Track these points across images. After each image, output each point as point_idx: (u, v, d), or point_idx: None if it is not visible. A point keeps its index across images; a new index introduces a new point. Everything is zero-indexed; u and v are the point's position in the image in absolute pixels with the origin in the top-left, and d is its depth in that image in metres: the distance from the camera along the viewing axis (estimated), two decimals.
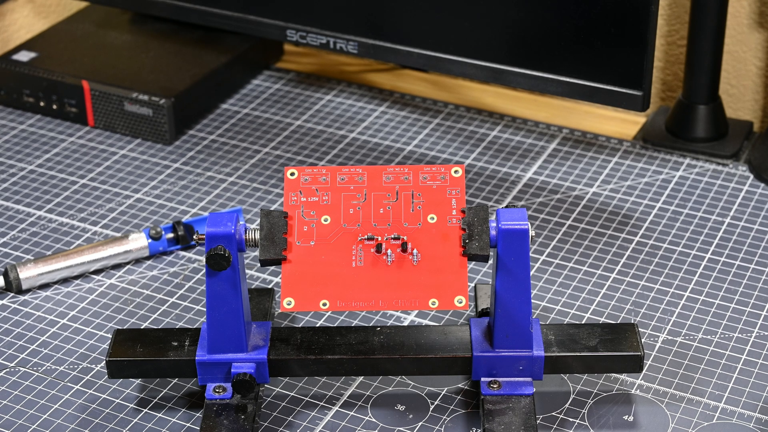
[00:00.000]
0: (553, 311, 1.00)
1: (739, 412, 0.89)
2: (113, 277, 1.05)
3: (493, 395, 0.87)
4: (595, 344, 0.88)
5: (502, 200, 1.14)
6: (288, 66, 1.38)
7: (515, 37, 1.11)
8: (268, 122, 1.27)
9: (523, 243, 0.83)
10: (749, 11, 1.24)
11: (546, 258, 1.06)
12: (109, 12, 1.40)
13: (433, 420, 0.89)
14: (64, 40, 1.34)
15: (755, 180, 1.16)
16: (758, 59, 1.26)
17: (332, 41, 1.19)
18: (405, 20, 1.15)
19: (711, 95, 1.20)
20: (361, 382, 0.93)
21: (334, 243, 0.85)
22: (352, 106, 1.30)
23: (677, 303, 1.00)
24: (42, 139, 1.25)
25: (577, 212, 1.12)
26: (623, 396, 0.91)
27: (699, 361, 0.94)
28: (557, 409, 0.90)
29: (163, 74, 1.28)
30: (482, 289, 0.97)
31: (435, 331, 0.90)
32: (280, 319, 0.99)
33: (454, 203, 0.85)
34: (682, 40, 1.28)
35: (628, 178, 1.17)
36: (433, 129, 1.26)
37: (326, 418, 0.90)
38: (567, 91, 1.10)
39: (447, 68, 1.15)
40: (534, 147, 1.22)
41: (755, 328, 0.98)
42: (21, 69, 1.28)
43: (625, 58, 1.06)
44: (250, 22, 1.23)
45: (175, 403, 0.91)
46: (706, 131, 1.21)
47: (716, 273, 1.04)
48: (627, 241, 1.08)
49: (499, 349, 0.87)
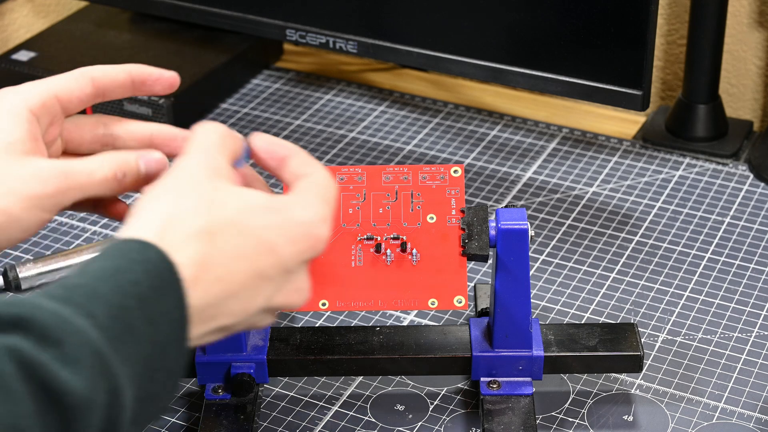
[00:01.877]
0: (553, 311, 1.00)
1: (739, 412, 0.89)
2: None
3: (492, 395, 0.87)
4: (594, 344, 0.88)
5: (501, 200, 1.14)
6: (288, 65, 1.38)
7: (515, 36, 1.11)
8: (268, 122, 1.27)
9: (523, 243, 0.83)
10: (749, 11, 1.24)
11: (545, 258, 1.06)
12: (109, 12, 1.39)
13: (433, 420, 0.89)
14: (64, 39, 1.34)
15: (755, 179, 1.16)
16: (758, 59, 1.26)
17: (332, 41, 1.19)
18: (404, 20, 1.15)
19: (711, 95, 1.20)
20: (361, 382, 0.93)
21: (333, 243, 0.85)
22: (352, 105, 1.30)
23: (677, 303, 1.00)
24: None
25: (577, 212, 1.12)
26: (623, 396, 0.91)
27: (699, 360, 0.94)
28: (557, 409, 0.90)
29: None
30: (482, 289, 0.97)
31: (434, 331, 0.90)
32: (279, 319, 0.99)
33: (453, 203, 0.85)
34: (682, 40, 1.28)
35: (628, 177, 1.17)
36: (432, 128, 1.26)
37: (326, 418, 0.90)
38: (567, 90, 1.09)
39: (447, 68, 1.15)
40: (534, 146, 1.22)
41: (755, 328, 0.98)
42: (20, 69, 1.28)
43: (624, 58, 1.05)
44: (249, 22, 1.23)
45: (175, 403, 0.91)
46: (705, 131, 1.20)
47: (716, 273, 1.04)
48: (627, 241, 1.08)
49: (499, 349, 0.87)
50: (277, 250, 0.66)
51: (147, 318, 0.58)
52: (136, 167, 0.71)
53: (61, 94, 0.72)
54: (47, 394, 0.52)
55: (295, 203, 0.68)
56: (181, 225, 0.63)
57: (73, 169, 0.69)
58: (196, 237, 0.63)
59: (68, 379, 0.53)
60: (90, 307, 0.56)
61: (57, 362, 0.53)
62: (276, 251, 0.66)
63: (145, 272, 0.59)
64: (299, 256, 0.67)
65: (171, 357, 0.60)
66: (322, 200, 0.69)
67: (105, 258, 0.59)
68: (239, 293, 0.65)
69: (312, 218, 0.67)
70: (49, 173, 0.68)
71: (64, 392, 0.52)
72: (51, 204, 0.68)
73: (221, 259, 0.64)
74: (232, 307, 0.65)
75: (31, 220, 0.68)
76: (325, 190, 0.70)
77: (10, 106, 0.70)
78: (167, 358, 0.59)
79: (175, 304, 0.60)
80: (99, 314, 0.56)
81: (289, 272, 0.67)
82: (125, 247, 0.60)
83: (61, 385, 0.52)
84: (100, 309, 0.56)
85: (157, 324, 0.59)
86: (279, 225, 0.66)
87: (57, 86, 0.73)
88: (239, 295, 0.65)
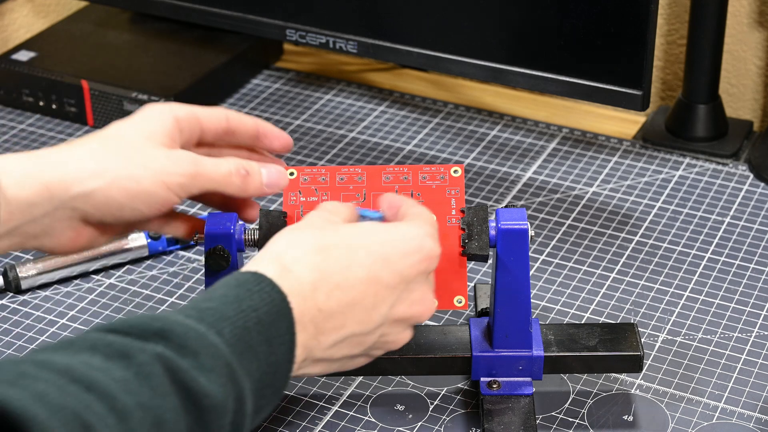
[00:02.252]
0: (553, 311, 1.00)
1: (739, 412, 0.89)
2: (112, 276, 1.05)
3: (492, 395, 0.87)
4: (594, 344, 0.88)
5: (501, 200, 1.14)
6: (287, 65, 1.38)
7: (515, 36, 1.11)
8: (268, 122, 1.27)
9: (523, 243, 0.83)
10: (749, 11, 1.24)
11: (545, 258, 1.06)
12: (109, 12, 1.39)
13: (433, 420, 0.89)
14: (64, 39, 1.34)
15: (755, 179, 1.16)
16: (758, 59, 1.26)
17: (332, 41, 1.19)
18: (404, 19, 1.15)
19: (711, 95, 1.20)
20: (361, 382, 0.93)
21: None
22: (352, 105, 1.30)
23: (677, 303, 1.00)
24: (41, 139, 1.25)
25: (577, 212, 1.12)
26: (623, 396, 0.91)
27: (699, 360, 0.94)
28: (557, 409, 0.90)
29: (163, 74, 1.28)
30: (482, 289, 0.97)
31: (434, 331, 0.90)
32: None
33: (453, 203, 0.85)
34: (682, 40, 1.28)
35: (628, 177, 1.17)
36: (432, 128, 1.26)
37: (326, 417, 0.90)
38: (567, 90, 1.09)
39: (447, 67, 1.15)
40: (533, 146, 1.22)
41: (755, 328, 0.98)
42: (20, 68, 1.28)
43: (624, 58, 1.05)
44: (249, 22, 1.23)
45: None
46: (705, 131, 1.20)
47: (716, 273, 1.04)
48: (626, 241, 1.08)
49: (499, 349, 0.87)
50: (391, 260, 0.74)
51: (265, 339, 0.67)
52: (258, 171, 0.80)
53: (202, 118, 0.82)
54: (188, 394, 0.60)
55: (403, 224, 0.76)
56: (298, 246, 0.72)
57: (203, 159, 0.78)
58: (311, 251, 0.72)
59: (205, 384, 0.61)
60: (219, 327, 0.65)
61: (195, 369, 0.61)
62: (390, 261, 0.74)
63: (261, 300, 0.68)
64: (414, 267, 0.74)
65: (280, 377, 0.68)
66: (427, 223, 0.77)
67: (227, 287, 0.68)
68: (360, 301, 0.72)
69: (420, 233, 0.75)
70: (181, 156, 0.77)
71: (203, 394, 0.61)
72: (177, 185, 0.76)
73: (337, 267, 0.72)
74: (357, 314, 0.72)
75: (158, 194, 0.76)
76: (429, 217, 0.78)
77: (160, 110, 0.80)
78: (277, 378, 0.68)
79: (287, 329, 0.68)
80: (226, 333, 0.65)
81: (408, 282, 0.74)
82: (243, 278, 0.69)
83: (200, 388, 0.61)
84: (227, 329, 0.65)
85: (272, 345, 0.67)
86: (390, 240, 0.74)
87: (200, 111, 0.82)
88: (360, 302, 0.72)
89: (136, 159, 0.76)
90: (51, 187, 0.75)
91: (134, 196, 0.76)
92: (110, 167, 0.76)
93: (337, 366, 0.75)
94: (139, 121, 0.79)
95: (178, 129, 0.80)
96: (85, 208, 0.76)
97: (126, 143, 0.77)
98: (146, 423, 0.58)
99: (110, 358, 0.60)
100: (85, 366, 0.58)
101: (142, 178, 0.76)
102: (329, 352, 0.73)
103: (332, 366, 0.75)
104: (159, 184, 0.76)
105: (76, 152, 0.76)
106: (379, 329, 0.74)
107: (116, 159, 0.76)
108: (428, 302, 0.76)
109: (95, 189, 0.75)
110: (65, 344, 0.61)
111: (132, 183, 0.75)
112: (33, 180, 0.75)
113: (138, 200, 0.76)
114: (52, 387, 0.56)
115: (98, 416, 0.56)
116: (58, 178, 0.75)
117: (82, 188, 0.75)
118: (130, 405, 0.57)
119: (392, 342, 0.76)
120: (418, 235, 0.75)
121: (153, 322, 0.62)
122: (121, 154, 0.76)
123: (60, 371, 0.57)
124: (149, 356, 0.60)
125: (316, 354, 0.72)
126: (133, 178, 0.75)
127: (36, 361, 0.58)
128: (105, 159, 0.76)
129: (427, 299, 0.76)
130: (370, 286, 0.73)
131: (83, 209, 0.76)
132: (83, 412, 0.55)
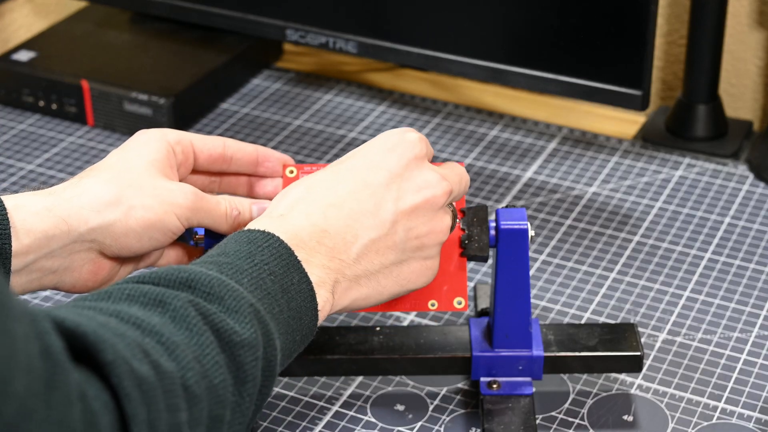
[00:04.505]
0: (553, 311, 1.00)
1: (739, 412, 0.89)
2: None
3: (492, 395, 0.87)
4: (594, 344, 0.88)
5: (501, 200, 1.14)
6: (287, 65, 1.38)
7: (515, 36, 1.11)
8: (268, 122, 1.27)
9: (523, 243, 0.83)
10: (749, 11, 1.24)
11: (545, 258, 1.06)
12: (109, 12, 1.39)
13: (433, 420, 0.89)
14: (64, 39, 1.34)
15: (755, 179, 1.16)
16: (758, 59, 1.26)
17: (331, 40, 1.19)
18: (404, 19, 1.15)
19: (711, 94, 1.20)
20: (361, 382, 0.93)
21: None
22: (352, 105, 1.30)
23: (677, 303, 1.00)
24: (41, 139, 1.25)
25: (577, 212, 1.12)
26: (623, 396, 0.91)
27: (698, 360, 0.94)
28: (557, 409, 0.90)
29: (163, 74, 1.28)
30: (482, 289, 0.97)
31: (434, 331, 0.90)
32: None
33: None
34: (681, 40, 1.28)
35: (628, 177, 1.17)
36: (432, 128, 1.26)
37: (326, 417, 0.90)
38: (566, 90, 1.10)
39: (446, 67, 1.15)
40: (533, 146, 1.22)
41: (755, 328, 0.98)
42: (20, 68, 1.28)
43: (624, 58, 1.05)
44: (249, 22, 1.23)
45: None
46: (705, 130, 1.21)
47: (716, 272, 1.04)
48: (626, 241, 1.08)
49: (499, 349, 0.87)
50: (374, 161, 0.77)
51: (281, 288, 0.70)
52: (248, 209, 0.83)
53: (195, 143, 0.84)
54: (220, 334, 0.64)
55: (377, 137, 0.79)
56: (289, 195, 0.77)
57: (205, 195, 0.81)
58: (301, 190, 0.76)
59: (233, 324, 0.65)
60: (238, 278, 0.68)
61: (223, 312, 0.65)
62: (374, 162, 0.77)
63: (271, 254, 0.71)
64: (402, 159, 0.77)
65: (305, 323, 0.72)
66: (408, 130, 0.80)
67: (238, 243, 0.72)
68: (359, 208, 0.75)
69: (397, 131, 0.79)
70: (188, 189, 0.79)
71: (233, 331, 0.64)
72: (185, 216, 0.79)
73: (324, 189, 0.76)
74: (363, 220, 0.75)
75: (171, 223, 0.78)
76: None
77: (152, 135, 0.82)
78: (302, 323, 0.71)
79: (300, 278, 0.71)
80: (245, 283, 0.68)
81: (401, 174, 0.77)
82: (251, 236, 0.72)
83: (229, 327, 0.64)
84: (245, 279, 0.69)
85: (289, 293, 0.70)
86: (369, 146, 0.78)
87: (193, 136, 0.84)
88: (360, 209, 0.75)
89: (147, 189, 0.78)
90: (69, 220, 0.76)
91: (150, 226, 0.78)
92: (124, 198, 0.77)
93: (387, 281, 0.77)
94: (138, 148, 0.81)
95: (173, 153, 0.82)
96: (104, 240, 0.77)
97: (135, 174, 0.79)
98: (189, 356, 0.61)
99: (147, 305, 0.63)
100: (127, 312, 0.62)
101: (155, 208, 0.78)
102: (361, 266, 0.75)
103: (380, 281, 0.76)
104: (170, 216, 0.78)
105: (88, 185, 0.78)
106: (397, 225, 0.76)
107: (129, 190, 0.78)
108: (435, 182, 0.77)
109: (114, 220, 0.77)
110: (102, 295, 0.64)
111: (148, 213, 0.77)
112: (50, 213, 0.76)
113: (154, 229, 0.78)
114: (111, 321, 0.60)
115: (151, 346, 0.60)
116: (75, 211, 0.76)
117: (100, 220, 0.77)
118: (174, 341, 0.61)
119: (426, 234, 0.77)
120: (396, 132, 0.79)
121: (179, 273, 0.66)
122: (133, 184, 0.78)
123: (109, 313, 0.61)
124: (182, 302, 0.64)
125: (347, 272, 0.74)
126: (147, 208, 0.78)
127: (84, 306, 0.62)
128: (119, 190, 0.78)
129: (432, 180, 0.77)
130: (361, 191, 0.76)
131: (102, 241, 0.77)
132: (140, 341, 0.59)
